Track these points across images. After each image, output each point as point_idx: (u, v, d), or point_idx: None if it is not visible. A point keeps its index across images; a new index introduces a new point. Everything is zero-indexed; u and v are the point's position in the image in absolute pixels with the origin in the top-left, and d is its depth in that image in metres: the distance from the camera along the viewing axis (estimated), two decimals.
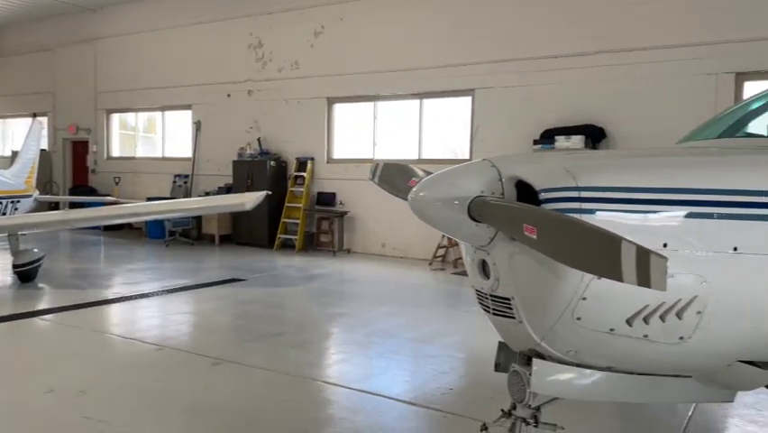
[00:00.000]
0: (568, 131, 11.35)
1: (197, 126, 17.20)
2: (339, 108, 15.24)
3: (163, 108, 18.39)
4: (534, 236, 2.55)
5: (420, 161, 13.33)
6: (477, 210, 2.91)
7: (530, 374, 3.09)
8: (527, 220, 2.60)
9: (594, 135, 11.27)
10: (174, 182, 17.45)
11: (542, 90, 11.91)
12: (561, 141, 11.30)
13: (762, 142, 3.67)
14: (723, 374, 3.18)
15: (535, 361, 3.11)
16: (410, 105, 14.11)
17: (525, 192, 2.91)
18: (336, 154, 15.22)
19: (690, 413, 4.73)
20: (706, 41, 10.19)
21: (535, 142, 11.68)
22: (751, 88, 9.74)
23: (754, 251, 2.91)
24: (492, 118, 12.61)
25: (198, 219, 15.87)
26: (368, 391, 5.25)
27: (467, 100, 13.13)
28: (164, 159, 18.42)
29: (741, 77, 10.15)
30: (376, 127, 14.68)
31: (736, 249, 2.88)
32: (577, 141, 11.15)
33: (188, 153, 17.47)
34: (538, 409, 3.22)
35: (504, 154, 3.27)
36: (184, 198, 16.19)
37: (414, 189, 3.08)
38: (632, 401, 3.57)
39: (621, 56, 11.00)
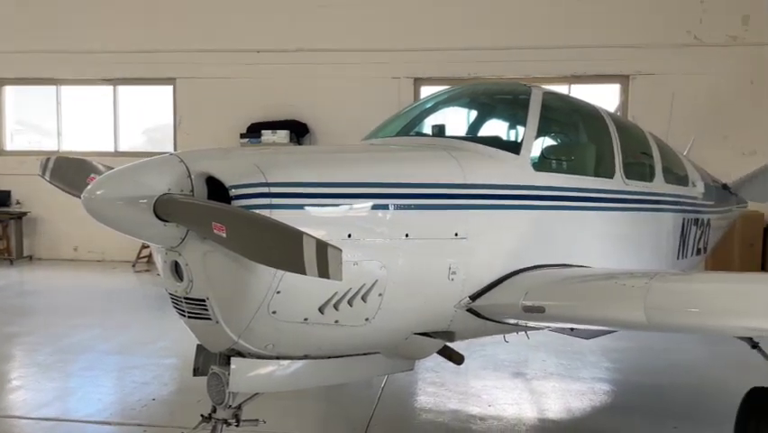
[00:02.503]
0: (274, 125, 11.59)
1: None
2: (10, 91, 13.02)
3: None
4: (224, 234, 2.49)
5: (117, 154, 12.20)
6: (164, 209, 2.72)
7: (229, 374, 3.03)
8: (216, 218, 2.52)
9: (298, 131, 11.73)
10: None
11: (248, 84, 11.91)
12: (267, 135, 11.48)
13: (427, 141, 4.19)
14: (403, 347, 3.57)
15: (234, 360, 3.06)
16: (103, 91, 12.77)
17: (217, 189, 2.83)
18: (9, 145, 12.99)
19: (382, 385, 5.26)
20: (391, 48, 11.38)
21: (242, 136, 11.65)
22: (426, 91, 11.24)
23: (421, 236, 3.31)
24: (197, 110, 12.17)
25: None
26: (51, 418, 4.58)
27: (168, 89, 12.43)
28: None
29: (419, 81, 11.63)
30: (60, 114, 12.92)
31: (407, 235, 3.24)
32: (283, 135, 11.45)
33: None
34: (239, 407, 3.18)
35: (194, 149, 3.13)
36: None
37: (89, 188, 2.74)
38: (331, 383, 3.80)
39: (321, 55, 11.62)
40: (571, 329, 4.45)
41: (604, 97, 10.88)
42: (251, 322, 2.90)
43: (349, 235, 3.01)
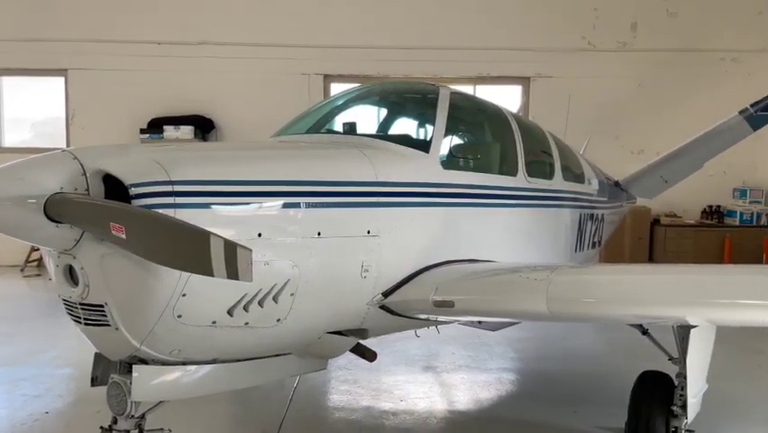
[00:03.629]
0: (177, 121, 11.11)
1: None
2: None
3: None
4: (123, 235, 2.35)
5: (1, 150, 11.25)
6: (56, 209, 2.53)
7: (131, 383, 2.87)
8: (114, 218, 2.37)
9: (203, 127, 11.32)
10: None
11: (148, 77, 11.34)
12: (170, 131, 10.99)
13: (339, 138, 4.18)
14: (316, 346, 3.54)
15: (136, 367, 2.90)
16: None
17: (115, 188, 2.67)
18: None
19: (294, 385, 5.19)
20: (301, 44, 11.23)
21: (142, 132, 11.09)
22: (335, 89, 11.20)
23: (334, 234, 3.29)
24: (92, 103, 11.44)
25: None
26: None
27: (60, 81, 11.61)
28: None
29: (328, 78, 11.57)
30: None
31: (320, 234, 3.21)
32: (187, 131, 11.01)
33: None
34: (143, 417, 3.03)
35: (90, 145, 2.94)
36: None
37: None
38: (242, 387, 3.69)
39: (226, 49, 11.27)
40: (479, 322, 4.59)
41: (507, 98, 11.32)
42: (154, 327, 2.77)
43: (259, 235, 2.94)
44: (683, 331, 3.59)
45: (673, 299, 3.38)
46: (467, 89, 10.60)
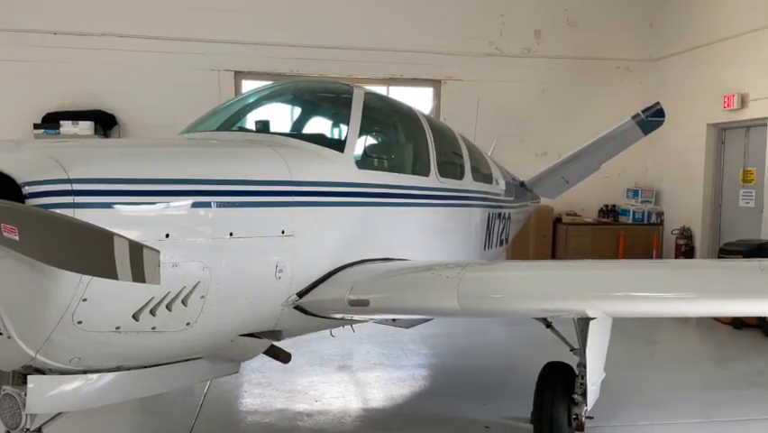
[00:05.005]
0: (75, 116, 10.43)
1: None
2: None
3: None
4: (16, 237, 2.19)
5: None
6: None
7: (25, 394, 2.68)
8: (6, 219, 2.21)
9: (105, 122, 10.70)
10: None
11: (43, 68, 10.58)
12: (67, 126, 10.30)
13: (251, 137, 4.09)
14: (228, 350, 3.45)
15: (31, 378, 2.72)
16: None
17: (6, 186, 2.47)
18: None
19: (205, 390, 5.04)
20: (210, 39, 10.88)
21: (36, 127, 10.33)
22: (247, 86, 10.95)
23: (246, 234, 3.22)
24: None
25: None
26: None
27: None
28: None
29: (239, 75, 11.29)
30: None
31: (232, 234, 3.13)
32: (86, 127, 10.35)
33: None
34: (39, 430, 2.84)
35: None
36: None
37: None
38: (148, 395, 3.53)
39: (130, 42, 10.73)
40: (393, 320, 4.65)
41: (419, 100, 11.54)
42: (51, 335, 2.59)
43: (167, 235, 2.83)
44: (583, 323, 3.80)
45: (574, 294, 3.58)
46: (380, 90, 10.72)
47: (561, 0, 11.78)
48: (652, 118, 7.84)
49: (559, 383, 4.06)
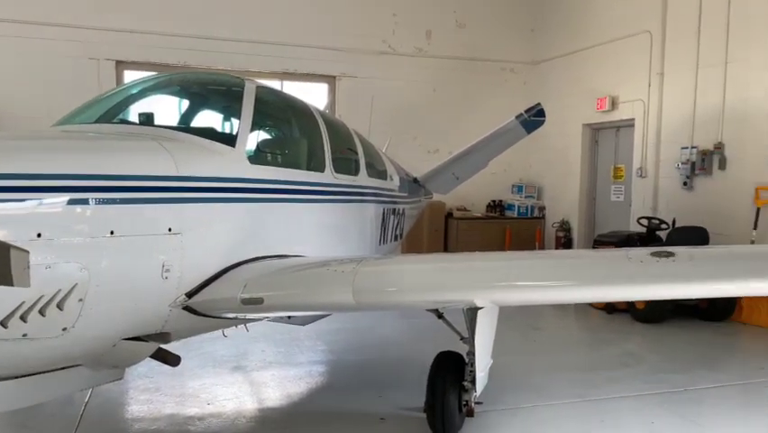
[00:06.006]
0: None
1: None
2: None
3: None
4: None
5: None
6: None
7: None
8: None
9: None
10: None
11: None
12: None
13: (134, 129, 3.88)
14: (111, 355, 3.26)
15: None
16: None
17: None
18: None
19: (86, 399, 4.72)
20: (88, 26, 10.16)
21: None
22: (129, 77, 10.35)
23: (129, 233, 3.05)
24: None
25: None
26: None
27: None
28: None
29: (121, 65, 10.65)
30: None
31: (113, 233, 2.96)
32: None
33: None
34: None
35: None
36: None
37: None
38: (20, 407, 3.24)
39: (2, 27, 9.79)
40: (289, 317, 4.61)
41: (314, 95, 11.48)
42: None
43: (39, 235, 2.62)
44: (472, 313, 3.96)
45: (463, 285, 3.73)
46: (274, 85, 10.54)
47: (450, 2, 12.18)
48: (534, 118, 8.30)
49: (450, 372, 4.21)
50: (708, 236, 7.98)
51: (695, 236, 7.90)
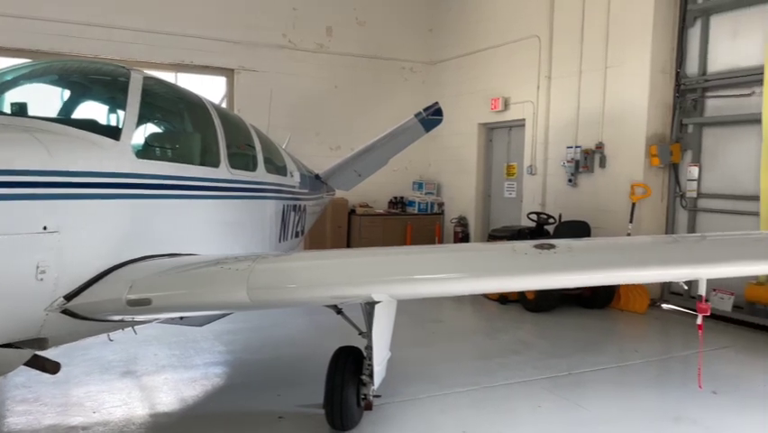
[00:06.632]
0: None
1: None
2: None
3: None
4: None
5: None
6: None
7: None
8: None
9: None
10: None
11: None
12: None
13: (3, 120, 3.57)
14: None
15: None
16: None
17: None
18: None
19: None
20: None
21: None
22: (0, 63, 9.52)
23: None
24: None
25: None
26: None
27: None
28: None
29: None
30: None
31: None
32: None
33: None
34: None
35: None
36: None
37: None
38: None
39: None
40: (181, 318, 4.44)
41: (212, 89, 11.13)
42: None
43: None
44: (369, 307, 4.01)
45: (360, 280, 3.76)
46: (168, 77, 10.11)
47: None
48: (431, 117, 8.50)
49: (348, 366, 4.24)
50: (589, 230, 8.55)
51: (578, 230, 8.44)
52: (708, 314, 3.68)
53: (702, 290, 3.56)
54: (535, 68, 10.21)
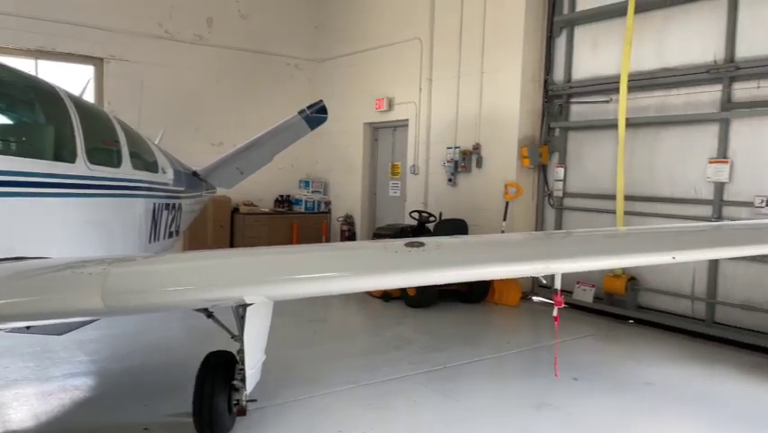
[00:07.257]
0: None
1: None
2: None
3: None
4: None
5: None
6: None
7: None
8: None
9: None
10: None
11: None
12: None
13: None
14: None
15: None
16: None
17: None
18: None
19: None
20: None
21: None
22: None
23: None
24: None
25: None
26: None
27: None
28: None
29: None
30: None
31: None
32: None
33: None
34: None
35: None
36: None
37: None
38: None
39: None
40: (28, 328, 4.04)
41: (78, 78, 10.31)
42: None
43: None
44: (242, 310, 3.86)
45: (230, 282, 3.60)
46: (27, 64, 9.28)
47: None
48: (316, 114, 8.42)
49: (219, 372, 4.07)
50: (467, 227, 8.87)
51: (457, 227, 8.73)
52: (563, 306, 3.89)
53: (557, 284, 3.77)
54: (417, 69, 10.43)
